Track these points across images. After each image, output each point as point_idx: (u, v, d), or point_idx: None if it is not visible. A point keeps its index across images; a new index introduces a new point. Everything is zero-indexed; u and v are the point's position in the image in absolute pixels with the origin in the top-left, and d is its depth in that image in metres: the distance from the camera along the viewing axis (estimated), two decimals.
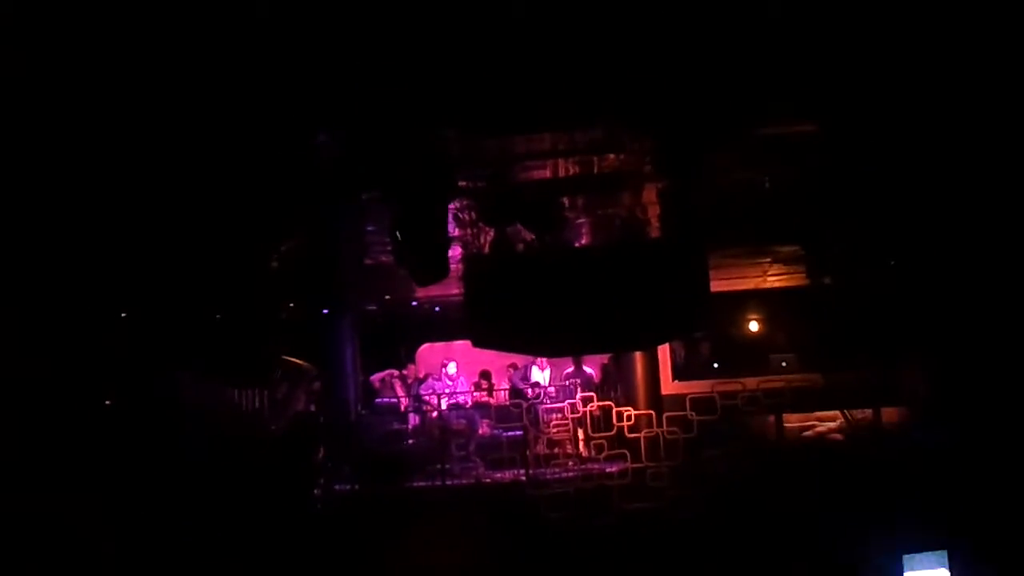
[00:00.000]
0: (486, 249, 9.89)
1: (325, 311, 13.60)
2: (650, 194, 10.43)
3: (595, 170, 9.70)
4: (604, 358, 14.18)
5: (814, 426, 11.90)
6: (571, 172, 9.82)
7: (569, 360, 13.94)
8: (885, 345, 8.25)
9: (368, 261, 12.04)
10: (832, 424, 11.69)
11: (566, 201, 10.72)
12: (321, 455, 12.70)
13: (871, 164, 8.37)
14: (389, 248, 9.68)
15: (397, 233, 8.57)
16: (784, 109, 8.30)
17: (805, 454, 11.75)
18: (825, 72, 7.86)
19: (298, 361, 13.08)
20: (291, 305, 12.96)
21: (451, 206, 9.30)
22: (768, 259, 13.37)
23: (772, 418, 12.02)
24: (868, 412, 10.96)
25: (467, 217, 9.75)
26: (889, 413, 11.34)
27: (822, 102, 8.18)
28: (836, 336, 10.90)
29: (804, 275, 12.04)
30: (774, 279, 14.07)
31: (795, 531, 10.88)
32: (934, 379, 8.12)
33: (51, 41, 7.95)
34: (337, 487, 12.47)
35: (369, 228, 10.75)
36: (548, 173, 9.72)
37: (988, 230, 8.45)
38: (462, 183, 8.95)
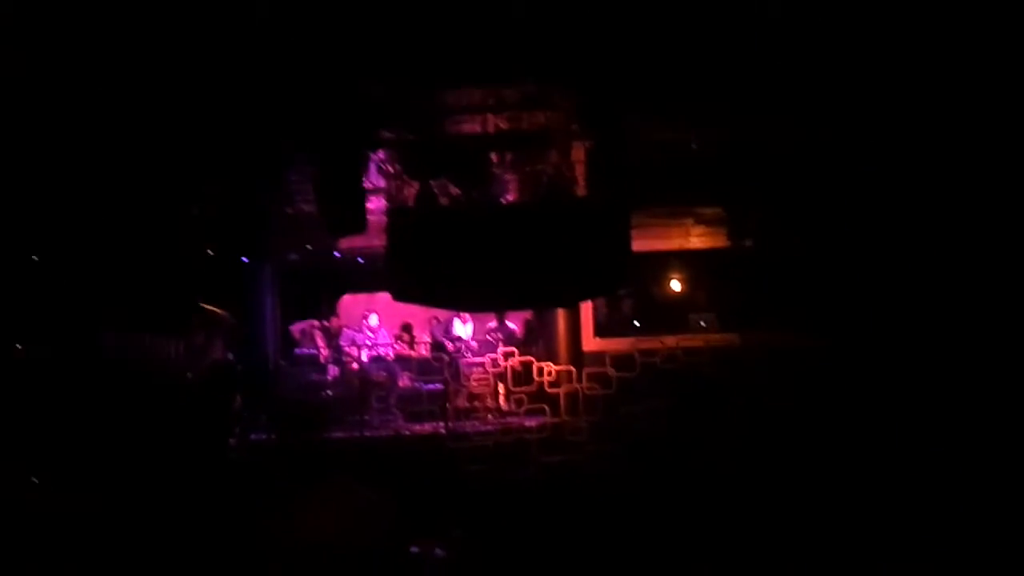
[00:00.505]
0: (411, 202, 9.78)
1: (245, 259, 13.35)
2: (578, 152, 10.44)
3: (523, 127, 9.66)
4: (527, 313, 14.23)
5: None
6: (499, 128, 9.76)
7: (492, 314, 13.98)
8: (797, 309, 8.45)
9: (290, 210, 11.85)
10: None
11: (494, 157, 10.68)
12: (238, 404, 12.58)
13: (794, 129, 8.47)
14: (312, 197, 9.54)
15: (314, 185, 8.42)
16: (706, 73, 8.34)
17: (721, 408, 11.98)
18: (749, 36, 7.90)
19: (216, 309, 12.85)
20: (210, 252, 12.68)
21: (375, 158, 9.19)
22: (691, 220, 13.53)
23: None
24: None
25: (392, 169, 9.63)
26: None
27: (745, 67, 8.24)
28: (753, 298, 11.11)
29: (726, 237, 12.21)
30: (697, 240, 14.21)
31: (711, 484, 11.16)
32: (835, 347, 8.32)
33: None
34: (253, 436, 12.38)
35: (292, 176, 10.56)
36: (476, 128, 9.66)
37: (906, 200, 8.63)
38: (387, 135, 8.83)
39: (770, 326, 10.83)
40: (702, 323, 13.39)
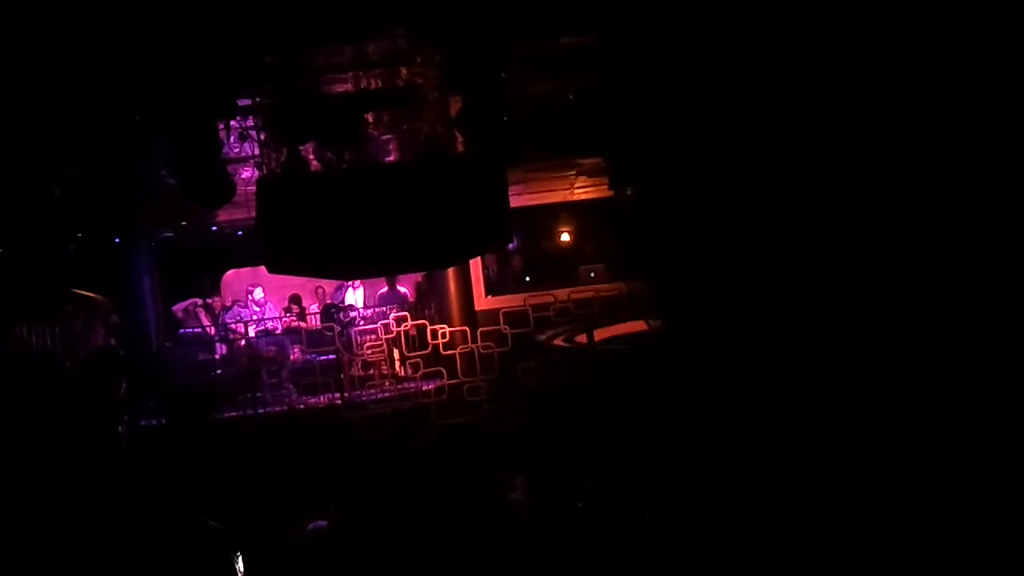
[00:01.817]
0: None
1: (116, 240, 12.86)
2: (455, 109, 10.25)
3: (394, 84, 9.43)
4: (417, 277, 14.09)
5: None
6: (369, 86, 9.51)
7: (382, 280, 13.79)
8: (672, 255, 8.50)
9: (158, 185, 11.39)
10: None
11: (369, 118, 10.42)
12: (124, 391, 12.18)
13: (661, 75, 8.43)
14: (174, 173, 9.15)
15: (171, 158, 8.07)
16: (569, 20, 8.24)
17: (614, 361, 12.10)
18: None
19: (90, 294, 12.34)
20: (79, 236, 12.15)
21: (240, 124, 8.86)
22: (573, 172, 13.53)
23: None
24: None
25: (260, 137, 9.30)
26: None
27: (607, 10, 8.16)
28: (636, 245, 11.14)
29: (608, 187, 12.21)
30: (581, 191, 14.27)
31: (608, 434, 11.27)
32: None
33: None
34: (143, 422, 12.01)
35: (157, 149, 10.12)
36: (344, 88, 9.39)
37: (779, 152, 8.69)
38: (246, 101, 8.49)
39: (650, 274, 10.92)
40: (592, 274, 13.45)
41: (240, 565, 9.84)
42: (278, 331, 13.39)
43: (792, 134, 8.15)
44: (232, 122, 8.77)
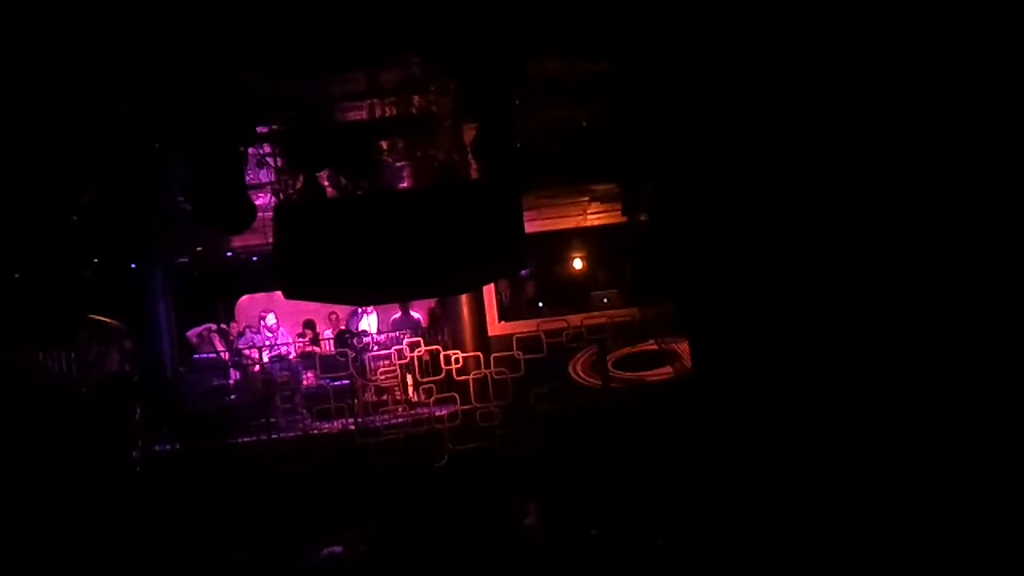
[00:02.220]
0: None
1: (132, 265, 12.93)
2: (469, 135, 10.32)
3: (408, 111, 9.51)
4: (430, 302, 14.10)
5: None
6: (384, 114, 9.59)
7: (395, 306, 13.81)
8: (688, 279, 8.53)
9: (175, 211, 11.46)
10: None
11: (384, 145, 10.49)
12: (138, 416, 12.21)
13: (673, 101, 8.49)
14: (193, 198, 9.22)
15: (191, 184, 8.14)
16: (580, 47, 8.31)
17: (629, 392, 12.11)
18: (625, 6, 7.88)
19: (106, 319, 12.42)
20: (95, 261, 12.23)
21: (258, 151, 8.94)
22: (587, 198, 13.56)
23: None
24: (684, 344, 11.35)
25: (276, 163, 9.37)
26: None
27: (621, 38, 8.22)
28: (650, 271, 11.18)
29: (621, 213, 12.24)
30: (594, 217, 14.28)
31: (623, 463, 11.25)
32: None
33: None
34: (157, 447, 12.03)
35: (174, 176, 10.21)
36: (361, 116, 9.47)
37: (791, 168, 8.72)
38: (263, 128, 8.57)
39: (665, 298, 10.94)
40: (605, 300, 13.45)
41: None
42: (291, 356, 13.40)
43: (802, 151, 8.20)
44: (250, 149, 8.85)
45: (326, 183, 9.41)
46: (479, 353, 12.43)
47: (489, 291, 13.50)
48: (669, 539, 10.71)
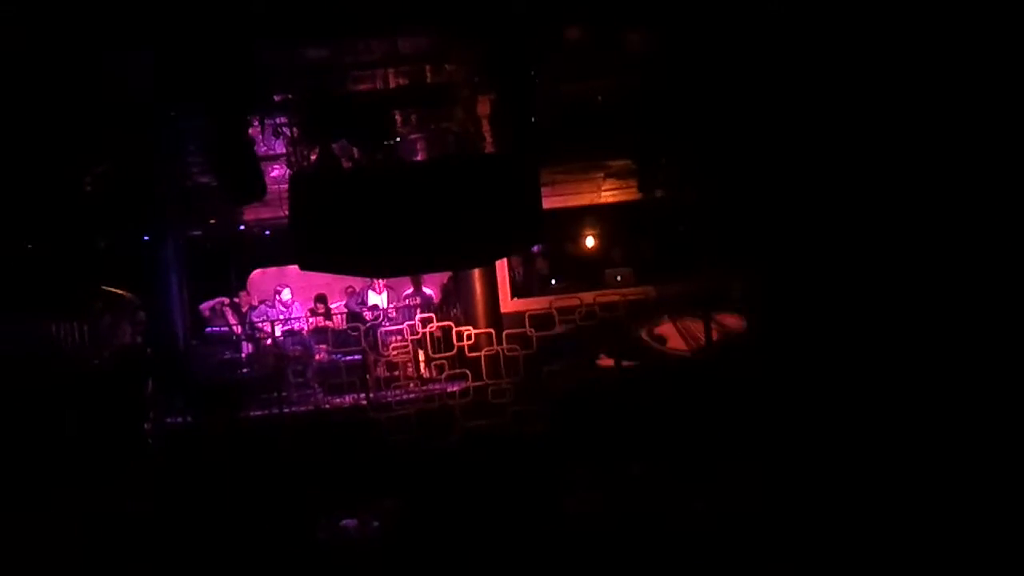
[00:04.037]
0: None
1: (146, 237, 12.89)
2: (484, 107, 10.21)
3: (424, 82, 9.41)
4: (443, 278, 14.05)
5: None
6: (399, 84, 9.49)
7: (407, 282, 13.76)
8: (712, 255, 8.44)
9: (188, 183, 11.41)
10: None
11: (398, 116, 10.40)
12: (151, 388, 12.20)
13: (698, 77, 8.38)
14: (208, 168, 9.16)
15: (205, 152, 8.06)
16: (609, 16, 8.19)
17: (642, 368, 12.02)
18: None
19: (119, 291, 12.38)
20: (109, 232, 12.18)
21: (273, 121, 8.86)
22: (601, 174, 13.46)
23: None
24: (699, 322, 11.27)
25: (291, 134, 9.28)
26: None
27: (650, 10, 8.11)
28: (667, 248, 11.10)
29: (636, 189, 12.14)
30: (608, 194, 14.19)
31: (633, 438, 11.18)
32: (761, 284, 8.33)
33: None
34: (169, 420, 12.02)
35: (188, 147, 10.15)
36: (375, 86, 9.36)
37: (817, 144, 8.62)
38: (278, 96, 8.48)
39: (683, 276, 10.86)
40: (618, 278, 13.37)
41: None
42: (304, 331, 13.38)
43: (823, 128, 8.12)
44: (265, 120, 8.78)
45: (341, 156, 9.32)
46: (491, 330, 12.38)
47: (502, 268, 13.43)
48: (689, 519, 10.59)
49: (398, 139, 10.11)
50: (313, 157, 9.23)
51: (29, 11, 8.14)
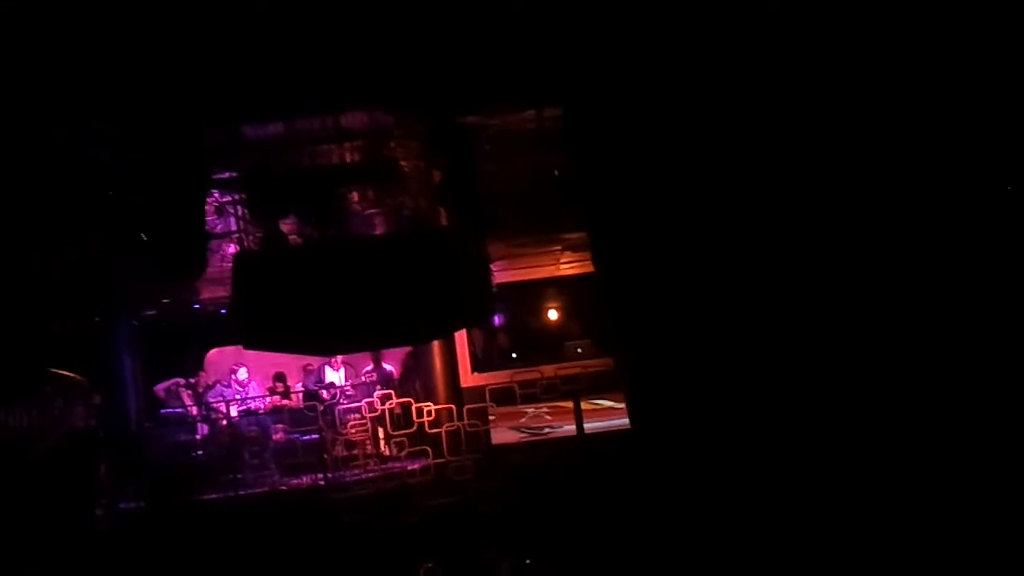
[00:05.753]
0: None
1: (97, 319, 12.72)
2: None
3: (373, 158, 9.43)
4: (402, 353, 13.91)
5: None
6: (349, 160, 9.52)
7: (367, 358, 13.62)
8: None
9: (140, 262, 11.28)
10: None
11: (355, 194, 10.41)
12: (103, 472, 11.93)
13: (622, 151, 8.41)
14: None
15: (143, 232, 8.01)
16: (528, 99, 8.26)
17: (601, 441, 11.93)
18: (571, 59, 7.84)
19: (69, 374, 12.17)
20: (60, 314, 12.02)
21: (218, 199, 8.82)
22: (559, 247, 13.49)
23: None
24: None
25: (238, 212, 9.25)
26: None
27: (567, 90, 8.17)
28: (617, 321, 11.02)
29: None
30: (567, 267, 14.22)
31: (596, 514, 11.02)
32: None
33: None
34: (123, 505, 11.74)
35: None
36: (321, 162, 9.37)
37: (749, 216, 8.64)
38: (224, 175, 8.46)
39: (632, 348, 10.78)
40: (579, 350, 13.32)
41: None
42: (261, 410, 13.17)
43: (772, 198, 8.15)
44: (212, 197, 8.74)
45: (293, 232, 9.29)
46: (451, 405, 12.24)
47: (462, 342, 13.34)
48: None
49: (351, 215, 10.07)
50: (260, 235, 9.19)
51: None
